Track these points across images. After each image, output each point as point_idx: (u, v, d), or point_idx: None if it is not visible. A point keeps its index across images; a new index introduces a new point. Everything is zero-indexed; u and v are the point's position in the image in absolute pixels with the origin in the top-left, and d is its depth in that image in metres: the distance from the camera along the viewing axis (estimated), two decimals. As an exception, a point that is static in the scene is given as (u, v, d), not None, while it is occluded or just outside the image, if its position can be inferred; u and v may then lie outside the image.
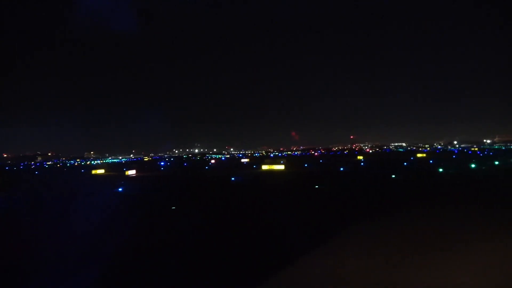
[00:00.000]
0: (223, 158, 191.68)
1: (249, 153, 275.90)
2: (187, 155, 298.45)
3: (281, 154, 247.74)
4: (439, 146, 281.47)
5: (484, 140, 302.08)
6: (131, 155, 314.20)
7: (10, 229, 28.38)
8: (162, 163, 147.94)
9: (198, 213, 31.62)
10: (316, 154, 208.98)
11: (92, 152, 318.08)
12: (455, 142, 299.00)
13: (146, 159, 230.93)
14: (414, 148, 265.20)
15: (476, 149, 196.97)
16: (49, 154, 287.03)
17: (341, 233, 22.31)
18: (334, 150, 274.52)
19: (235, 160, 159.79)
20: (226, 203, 36.90)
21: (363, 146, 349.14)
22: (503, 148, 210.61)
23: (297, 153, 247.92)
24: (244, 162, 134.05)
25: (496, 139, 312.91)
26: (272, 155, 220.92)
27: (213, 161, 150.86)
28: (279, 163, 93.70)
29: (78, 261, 18.66)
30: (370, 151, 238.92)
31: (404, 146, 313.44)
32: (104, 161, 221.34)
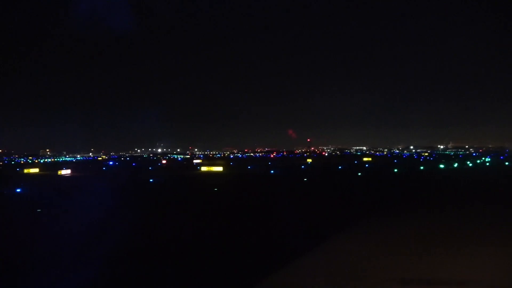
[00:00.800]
0: (179, 159, 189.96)
1: (210, 154, 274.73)
2: (149, 154, 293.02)
3: (244, 155, 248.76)
4: (396, 151, 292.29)
5: (438, 146, 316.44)
6: (90, 154, 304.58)
7: None
8: (110, 163, 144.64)
9: (59, 215, 31.66)
10: (272, 156, 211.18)
11: (48, 150, 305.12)
12: (411, 147, 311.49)
13: (101, 158, 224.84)
14: (372, 151, 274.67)
15: (426, 154, 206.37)
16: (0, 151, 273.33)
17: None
18: (296, 152, 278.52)
19: (189, 161, 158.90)
20: (97, 206, 36.41)
21: (326, 148, 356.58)
22: (451, 153, 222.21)
23: (259, 155, 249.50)
24: (195, 162, 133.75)
25: (449, 145, 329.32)
26: (231, 156, 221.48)
27: (164, 161, 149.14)
28: (219, 165, 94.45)
29: None
30: (326, 154, 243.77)
31: (364, 150, 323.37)
32: (56, 159, 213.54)
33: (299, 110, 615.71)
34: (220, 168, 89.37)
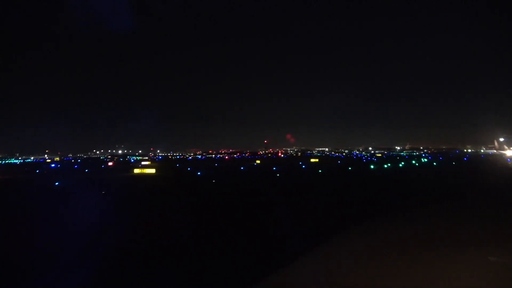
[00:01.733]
0: (132, 160, 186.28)
1: (170, 155, 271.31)
2: (107, 156, 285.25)
3: (203, 156, 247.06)
4: (355, 151, 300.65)
5: (396, 147, 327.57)
6: (45, 155, 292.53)
7: None
8: (52, 165, 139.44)
9: None
10: (227, 157, 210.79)
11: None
12: (370, 148, 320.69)
13: (53, 159, 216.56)
14: (332, 153, 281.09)
15: (380, 155, 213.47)
16: None
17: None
18: (260, 154, 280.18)
19: (139, 162, 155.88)
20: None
21: (290, 150, 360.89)
22: (404, 154, 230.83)
23: (218, 156, 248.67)
24: (143, 164, 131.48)
25: (407, 146, 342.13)
26: (190, 157, 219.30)
27: (110, 163, 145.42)
28: (152, 167, 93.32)
29: None
30: (282, 155, 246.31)
31: (327, 151, 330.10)
32: (4, 161, 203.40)
33: (267, 112, 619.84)
34: (152, 170, 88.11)
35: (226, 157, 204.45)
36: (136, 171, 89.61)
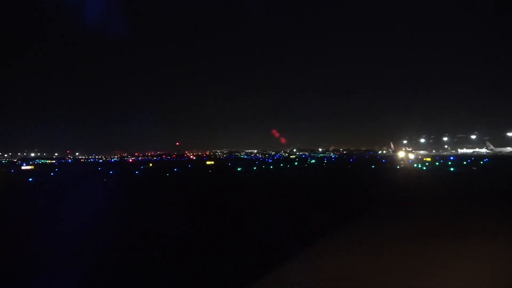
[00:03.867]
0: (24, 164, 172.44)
1: (82, 159, 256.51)
2: (12, 159, 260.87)
3: (121, 159, 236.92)
4: (282, 152, 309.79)
5: (319, 149, 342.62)
6: None
7: None
8: None
9: None
10: (131, 160, 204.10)
11: None
12: (295, 150, 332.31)
13: None
14: (258, 155, 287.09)
15: (293, 156, 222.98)
16: None
17: None
18: (186, 156, 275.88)
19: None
20: None
21: (220, 151, 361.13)
22: (322, 155, 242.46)
23: (141, 159, 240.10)
24: (23, 169, 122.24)
25: (331, 148, 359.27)
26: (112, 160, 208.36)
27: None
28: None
29: None
30: (194, 157, 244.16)
31: (255, 152, 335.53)
32: None
33: (197, 113, 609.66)
34: None
35: (131, 160, 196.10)
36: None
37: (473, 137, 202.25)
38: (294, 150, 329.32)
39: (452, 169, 71.54)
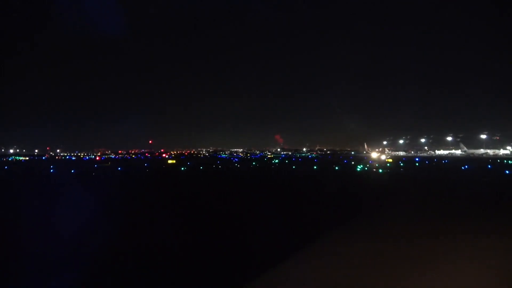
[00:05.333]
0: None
1: (58, 156, 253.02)
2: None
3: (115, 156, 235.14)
4: (267, 152, 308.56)
5: (303, 149, 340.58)
6: None
7: None
8: None
9: None
10: (98, 158, 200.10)
11: None
12: (279, 149, 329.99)
13: None
14: (240, 154, 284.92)
15: (270, 155, 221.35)
16: None
17: None
18: (158, 154, 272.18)
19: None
20: None
21: (204, 150, 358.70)
22: (303, 155, 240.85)
23: (120, 157, 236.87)
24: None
25: (316, 148, 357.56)
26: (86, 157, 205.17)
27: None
28: None
29: None
30: (167, 155, 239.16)
31: (240, 151, 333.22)
32: None
33: (185, 112, 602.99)
34: None
35: (97, 158, 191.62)
36: None
37: (449, 139, 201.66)
38: (279, 149, 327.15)
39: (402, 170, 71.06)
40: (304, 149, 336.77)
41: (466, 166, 76.60)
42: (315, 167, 78.29)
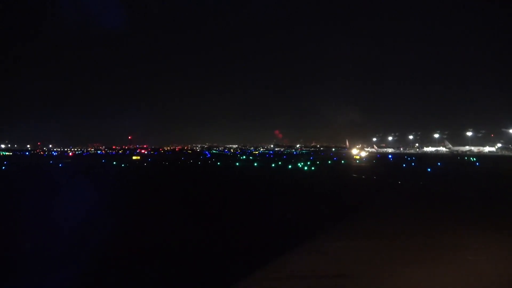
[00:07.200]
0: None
1: (44, 151, 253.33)
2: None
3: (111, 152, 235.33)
4: (260, 148, 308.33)
5: (297, 145, 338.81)
6: None
7: None
8: None
9: None
10: (71, 154, 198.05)
11: None
12: (272, 146, 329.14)
13: None
14: (238, 151, 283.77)
15: (255, 152, 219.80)
16: None
17: None
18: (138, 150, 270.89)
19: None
20: None
21: (198, 146, 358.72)
22: (294, 151, 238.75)
23: (114, 152, 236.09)
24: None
25: (312, 144, 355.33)
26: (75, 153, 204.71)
27: None
28: None
29: None
30: (146, 152, 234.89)
31: (235, 148, 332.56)
32: None
33: (183, 108, 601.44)
34: None
35: (70, 154, 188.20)
36: None
37: (436, 136, 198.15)
38: (272, 145, 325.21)
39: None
40: (298, 145, 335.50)
41: (413, 164, 75.30)
42: (273, 164, 75.16)
